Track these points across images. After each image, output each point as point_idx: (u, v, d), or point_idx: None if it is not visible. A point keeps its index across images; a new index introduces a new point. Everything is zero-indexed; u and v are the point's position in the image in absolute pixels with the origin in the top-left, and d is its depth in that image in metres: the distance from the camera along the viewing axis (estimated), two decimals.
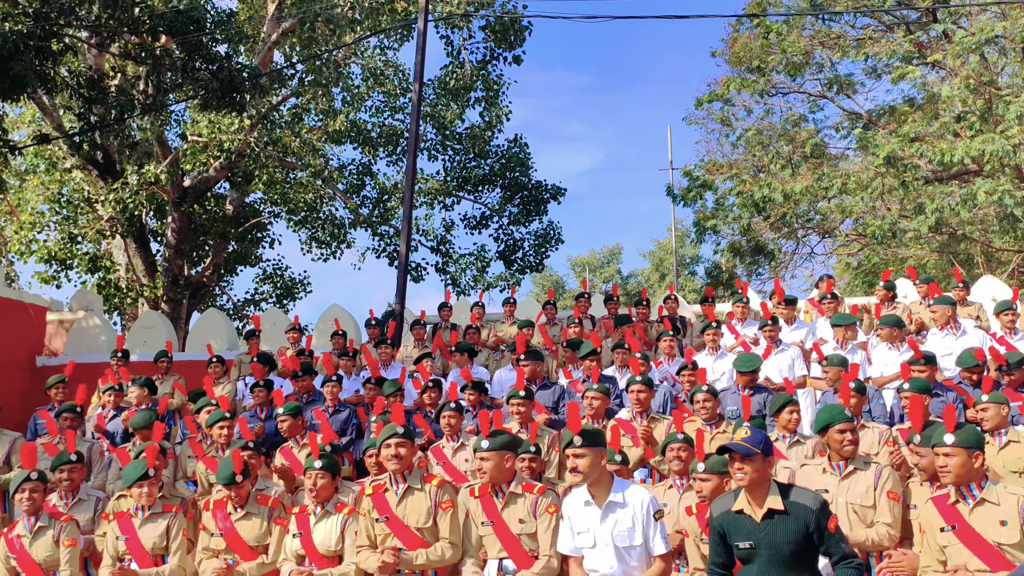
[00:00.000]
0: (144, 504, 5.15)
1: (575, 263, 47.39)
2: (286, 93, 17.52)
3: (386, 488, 4.64)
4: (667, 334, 8.62)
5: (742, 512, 3.65)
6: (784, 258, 23.16)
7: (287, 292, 21.37)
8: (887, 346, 8.08)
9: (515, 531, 4.35)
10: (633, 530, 3.87)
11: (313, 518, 4.81)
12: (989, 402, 5.64)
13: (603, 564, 3.90)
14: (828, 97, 21.18)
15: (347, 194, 19.91)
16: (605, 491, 3.95)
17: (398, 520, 4.54)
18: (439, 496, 4.54)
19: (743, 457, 3.61)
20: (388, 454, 4.58)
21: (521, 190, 20.15)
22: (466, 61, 18.74)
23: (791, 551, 3.49)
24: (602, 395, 6.39)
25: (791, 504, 3.55)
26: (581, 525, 3.98)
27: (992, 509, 3.75)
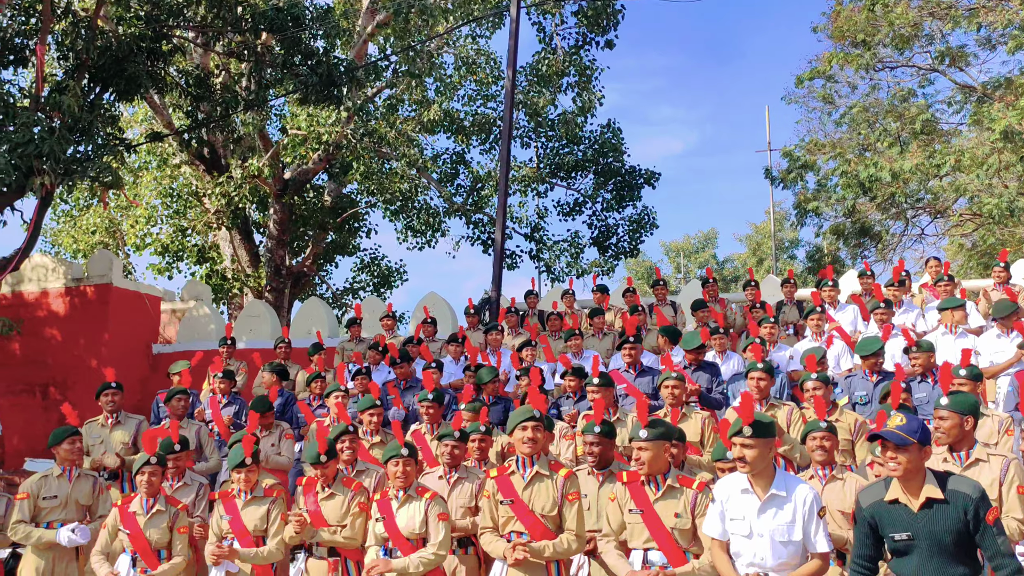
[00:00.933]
0: (244, 488, 5.38)
1: (669, 248, 46.71)
2: (381, 85, 17.80)
3: (512, 471, 4.66)
4: (768, 320, 8.39)
5: (896, 502, 3.49)
6: (892, 240, 22.22)
7: (384, 281, 21.81)
8: (996, 333, 7.63)
9: (669, 524, 4.24)
10: (793, 525, 3.73)
11: (396, 503, 4.87)
12: None
13: (757, 555, 3.78)
14: (939, 70, 20.14)
15: (441, 183, 20.14)
16: (767, 482, 3.81)
17: (523, 504, 4.54)
18: (567, 487, 4.53)
19: (896, 447, 3.45)
20: (524, 436, 4.58)
21: (614, 175, 19.94)
22: (558, 47, 18.64)
23: (953, 540, 3.35)
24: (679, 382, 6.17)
25: (950, 493, 3.40)
26: (736, 512, 3.85)
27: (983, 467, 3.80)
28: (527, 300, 11.23)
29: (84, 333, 12.01)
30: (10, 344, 11.84)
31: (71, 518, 5.91)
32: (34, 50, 10.11)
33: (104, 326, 12.01)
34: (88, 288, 12.21)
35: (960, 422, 4.36)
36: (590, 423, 4.97)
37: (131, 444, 7.27)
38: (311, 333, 11.78)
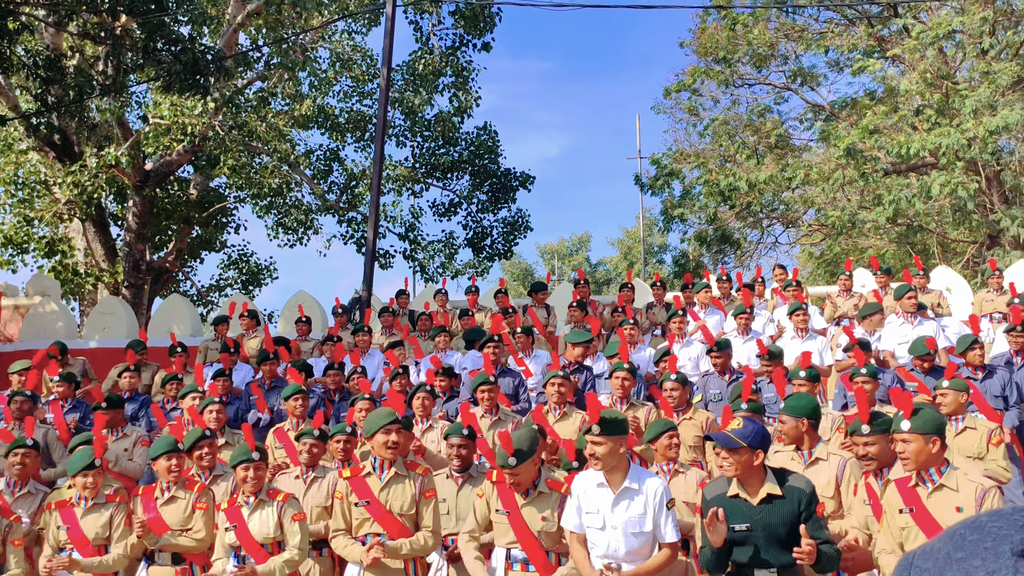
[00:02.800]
0: (87, 495, 5.09)
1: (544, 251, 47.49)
2: (252, 76, 17.30)
3: (368, 472, 4.61)
4: (627, 322, 8.71)
5: (737, 496, 3.73)
6: (749, 247, 23.45)
7: (253, 278, 21.18)
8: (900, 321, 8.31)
9: (535, 528, 4.30)
10: (644, 516, 3.89)
11: (246, 509, 4.72)
12: (949, 388, 5.84)
13: (610, 546, 3.91)
14: (792, 89, 21.45)
15: (314, 180, 19.76)
16: (620, 477, 3.95)
17: (380, 505, 4.52)
18: (424, 485, 4.55)
19: (727, 449, 3.68)
20: (388, 440, 4.52)
21: (490, 177, 20.14)
22: (435, 47, 18.66)
23: (787, 532, 3.62)
24: (565, 380, 6.41)
25: (787, 489, 3.67)
26: (591, 506, 3.97)
27: (950, 495, 3.79)
28: (398, 300, 11.22)
29: None
30: None
31: None
32: None
33: None
34: None
35: (796, 423, 4.68)
36: (455, 425, 5.04)
37: None
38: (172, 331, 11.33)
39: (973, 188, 15.69)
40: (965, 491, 3.76)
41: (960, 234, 20.11)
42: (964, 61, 18.03)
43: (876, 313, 8.44)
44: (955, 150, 15.34)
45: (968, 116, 15.46)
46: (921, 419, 3.85)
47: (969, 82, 16.88)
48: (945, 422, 4.01)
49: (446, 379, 7.50)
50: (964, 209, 16.83)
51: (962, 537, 0.94)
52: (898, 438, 3.91)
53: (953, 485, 3.79)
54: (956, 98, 16.18)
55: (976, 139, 15.15)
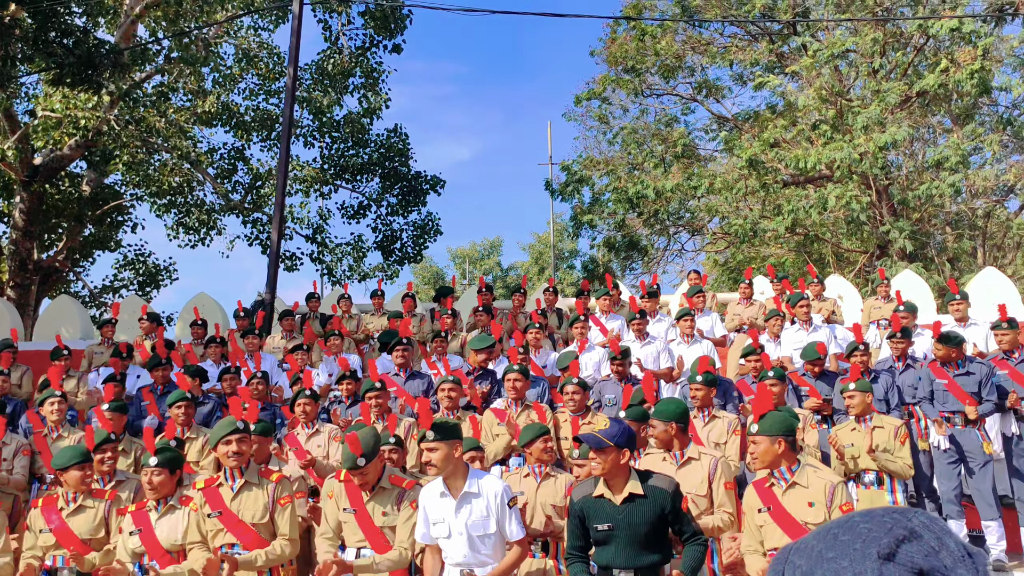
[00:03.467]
0: None
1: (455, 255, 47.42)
2: (151, 70, 16.70)
3: (220, 483, 4.54)
4: (533, 326, 8.76)
5: (602, 496, 3.83)
6: (656, 254, 23.96)
7: (150, 279, 20.39)
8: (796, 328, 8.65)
9: (378, 523, 4.36)
10: (487, 519, 3.96)
11: (154, 514, 4.64)
12: (855, 390, 6.15)
13: (457, 553, 3.98)
14: (698, 100, 22.05)
15: (218, 179, 19.19)
16: (460, 482, 4.01)
17: (232, 515, 4.44)
18: (278, 492, 4.49)
19: (595, 448, 3.78)
20: (228, 450, 4.46)
21: (400, 180, 19.97)
22: (344, 47, 18.39)
23: (647, 531, 3.72)
24: (456, 386, 6.47)
25: (649, 488, 3.78)
26: (436, 515, 4.03)
27: (802, 492, 4.02)
28: (308, 303, 11.07)
29: None
30: None
31: None
32: None
33: None
34: None
35: (666, 427, 4.82)
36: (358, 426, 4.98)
37: None
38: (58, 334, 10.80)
39: (865, 201, 16.47)
40: (815, 487, 4.01)
41: (853, 244, 21.07)
42: (857, 79, 18.91)
43: (775, 318, 8.75)
44: (848, 164, 16.06)
45: (860, 132, 16.22)
46: (768, 421, 4.08)
47: (861, 99, 17.71)
48: (795, 425, 4.24)
49: (352, 383, 7.40)
50: (857, 221, 17.62)
51: (835, 536, 0.97)
52: (749, 440, 4.14)
53: (804, 482, 4.03)
54: (849, 114, 16.95)
55: (867, 154, 15.90)
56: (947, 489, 6.80)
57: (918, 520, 0.95)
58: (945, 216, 19.74)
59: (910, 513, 0.97)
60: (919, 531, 0.94)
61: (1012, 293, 10.97)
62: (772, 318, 8.77)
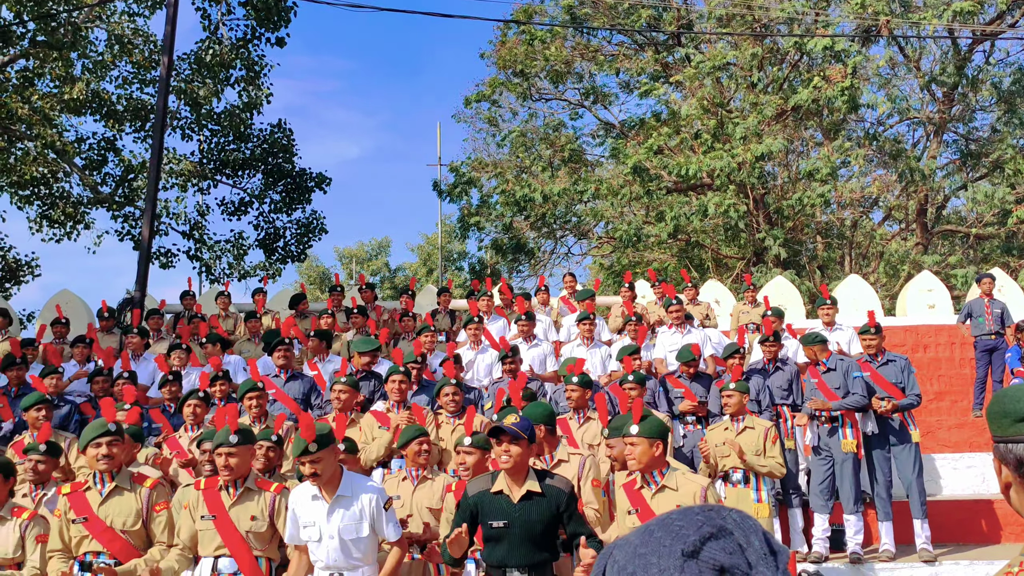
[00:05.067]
0: None
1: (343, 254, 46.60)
2: (15, 54, 15.63)
3: (88, 487, 4.30)
4: (428, 328, 8.66)
5: (500, 493, 3.80)
6: (543, 256, 24.22)
7: (10, 274, 19.06)
8: None
9: (243, 528, 4.19)
10: (360, 522, 3.91)
11: None
12: (735, 390, 6.37)
13: (327, 556, 3.93)
14: (586, 106, 22.43)
15: (86, 170, 18.14)
16: (334, 486, 3.94)
17: (99, 521, 4.22)
18: (154, 498, 4.30)
19: (512, 439, 3.76)
20: (98, 453, 4.25)
21: (284, 176, 19.40)
22: (224, 37, 17.72)
23: (542, 530, 3.73)
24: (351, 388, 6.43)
25: (547, 487, 3.79)
26: (307, 519, 3.96)
27: (671, 495, 4.08)
28: (183, 301, 10.62)
29: None
30: None
31: None
32: None
33: None
34: None
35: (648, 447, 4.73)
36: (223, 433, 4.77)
37: None
38: None
39: (743, 209, 17.13)
40: (685, 490, 4.08)
41: (731, 251, 21.89)
42: (736, 92, 19.67)
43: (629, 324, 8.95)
44: (727, 173, 16.68)
45: (738, 142, 16.87)
46: (648, 424, 4.12)
47: (740, 111, 18.44)
48: (668, 429, 4.32)
49: (226, 384, 7.12)
50: (735, 228, 18.33)
51: (650, 532, 0.98)
52: (627, 441, 4.17)
53: (674, 485, 4.10)
54: (729, 124, 17.61)
55: (745, 164, 16.55)
56: (814, 484, 7.12)
57: (731, 518, 0.98)
58: (816, 225, 20.79)
59: (724, 511, 0.99)
60: (729, 528, 0.96)
61: (874, 300, 11.64)
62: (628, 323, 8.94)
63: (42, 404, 6.11)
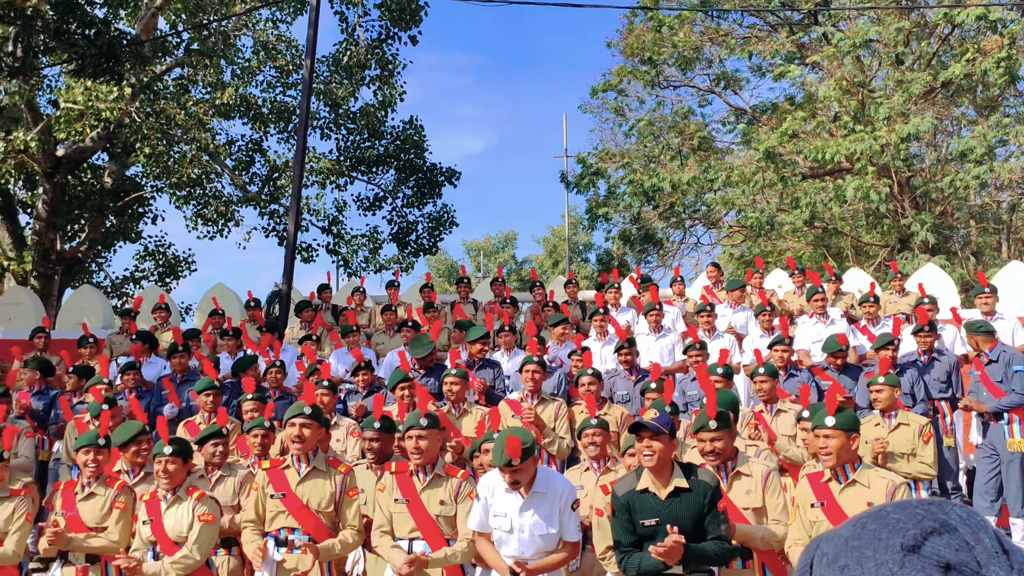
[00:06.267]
0: None
1: (470, 248, 47.46)
2: (171, 62, 16.76)
3: (287, 465, 4.56)
4: (564, 320, 8.74)
5: (647, 491, 3.77)
6: (672, 247, 23.86)
7: (170, 270, 20.54)
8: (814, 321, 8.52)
9: (433, 512, 4.32)
10: (551, 518, 3.95)
11: (164, 504, 4.65)
12: (884, 384, 5.97)
13: (518, 548, 3.97)
14: (716, 92, 21.90)
15: (235, 171, 19.26)
16: (531, 481, 3.98)
17: (297, 499, 4.46)
18: (348, 483, 4.51)
19: (654, 435, 3.73)
20: (291, 433, 4.49)
21: (416, 172, 19.97)
22: (361, 39, 18.38)
23: (693, 525, 3.67)
24: (461, 380, 6.43)
25: (694, 482, 3.73)
26: (499, 508, 4.01)
27: (862, 491, 3.92)
28: (320, 295, 11.08)
29: None
30: None
31: None
32: None
33: None
34: None
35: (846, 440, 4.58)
36: (413, 416, 4.99)
37: None
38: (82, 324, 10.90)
39: (885, 193, 16.29)
40: (876, 487, 3.89)
41: (872, 238, 20.88)
42: (879, 70, 18.71)
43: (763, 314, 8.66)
44: (869, 156, 15.90)
45: (882, 123, 16.05)
46: (845, 416, 3.97)
47: (884, 90, 17.53)
48: (859, 421, 4.15)
49: (368, 374, 7.43)
50: (877, 213, 17.47)
51: (863, 525, 0.96)
52: (820, 434, 4.01)
53: (865, 481, 3.92)
54: (871, 105, 16.77)
55: (889, 145, 15.74)
56: (979, 483, 6.70)
57: (955, 513, 0.93)
58: (969, 209, 19.52)
59: (947, 506, 0.95)
60: (954, 524, 0.91)
61: None
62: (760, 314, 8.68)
63: (211, 390, 6.56)
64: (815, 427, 4.10)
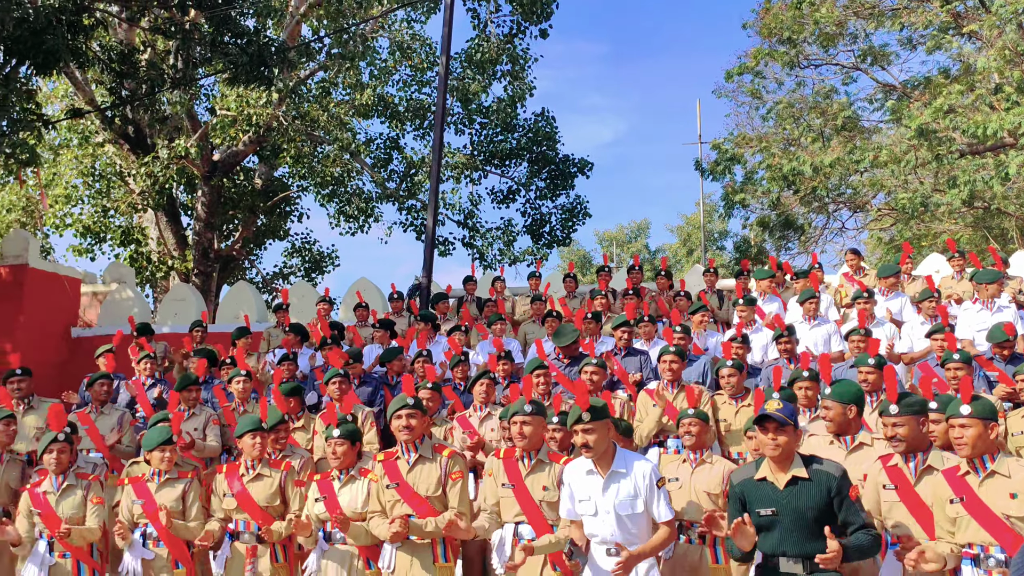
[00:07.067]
0: (162, 468, 5.30)
1: (602, 238, 47.23)
2: (314, 67, 17.55)
3: (398, 456, 4.73)
4: (703, 308, 8.61)
5: (764, 480, 3.73)
6: (814, 233, 22.90)
7: (315, 266, 21.58)
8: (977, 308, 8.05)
9: (537, 497, 4.41)
10: (635, 499, 3.97)
11: (338, 483, 4.93)
12: None
13: (604, 530, 4.01)
14: (861, 69, 20.79)
15: (374, 168, 19.98)
16: (608, 461, 4.05)
17: (408, 487, 4.62)
18: (450, 467, 4.62)
19: (778, 426, 3.68)
20: (399, 424, 4.66)
21: (548, 164, 20.10)
22: (492, 34, 18.63)
23: (814, 517, 3.57)
24: (600, 369, 6.41)
25: (814, 472, 3.65)
26: (582, 493, 4.08)
27: (1003, 482, 3.71)
28: (465, 286, 11.32)
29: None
30: None
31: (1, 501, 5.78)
32: None
33: (19, 308, 11.60)
34: (2, 268, 11.78)
35: (843, 410, 4.62)
36: (518, 403, 5.06)
37: (45, 428, 7.08)
38: (239, 318, 11.61)
39: None
40: (1018, 477, 3.69)
41: None
42: None
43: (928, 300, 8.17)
44: None
45: None
46: (981, 404, 3.80)
47: None
48: (998, 409, 3.93)
49: (508, 363, 7.52)
50: None
51: None
52: (955, 423, 3.85)
53: (1005, 471, 3.73)
54: None
55: None
56: None
57: None
58: None
59: None
60: None
61: None
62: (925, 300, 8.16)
63: (337, 378, 6.82)
64: (949, 416, 3.93)
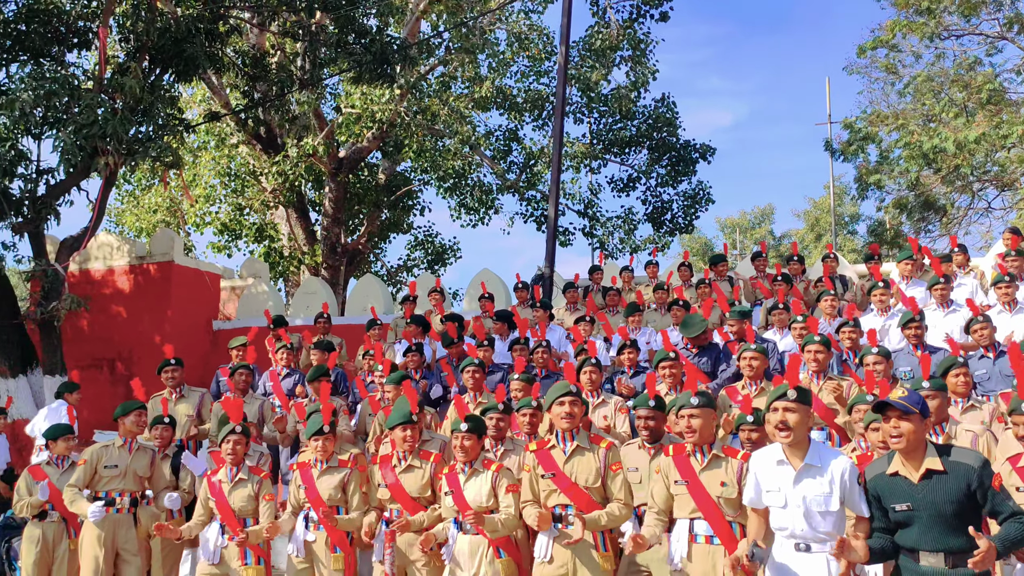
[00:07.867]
0: (321, 458, 5.47)
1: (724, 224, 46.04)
2: (434, 62, 17.84)
3: (552, 445, 4.69)
4: (828, 293, 8.26)
5: (897, 474, 3.54)
6: (957, 214, 21.55)
7: (438, 258, 21.96)
8: None
9: (715, 494, 4.27)
10: (830, 496, 3.71)
11: (463, 476, 4.94)
12: None
13: (792, 524, 3.79)
14: (1007, 38, 19.37)
15: (494, 160, 20.13)
16: (802, 453, 3.81)
17: (566, 477, 4.59)
18: (610, 458, 4.58)
19: (901, 415, 3.49)
20: (562, 412, 4.62)
21: (669, 150, 19.70)
22: (611, 21, 18.39)
23: (954, 511, 3.37)
24: (761, 355, 6.18)
25: (950, 463, 3.43)
26: (771, 484, 3.86)
27: None
28: (592, 276, 11.24)
29: (148, 309, 12.36)
30: (79, 320, 12.26)
31: (128, 488, 6.10)
32: (97, 33, 10.35)
33: (167, 303, 12.35)
34: (151, 266, 12.56)
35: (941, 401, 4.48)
36: (643, 396, 4.96)
37: (195, 416, 7.48)
38: (366, 310, 11.94)
39: None
40: None
41: None
42: None
43: None
44: None
45: None
46: None
47: None
48: None
49: (634, 352, 7.42)
50: None
51: None
52: None
53: None
54: None
55: None
56: None
57: None
58: None
59: None
60: None
61: None
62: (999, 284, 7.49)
63: (471, 367, 6.87)
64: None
